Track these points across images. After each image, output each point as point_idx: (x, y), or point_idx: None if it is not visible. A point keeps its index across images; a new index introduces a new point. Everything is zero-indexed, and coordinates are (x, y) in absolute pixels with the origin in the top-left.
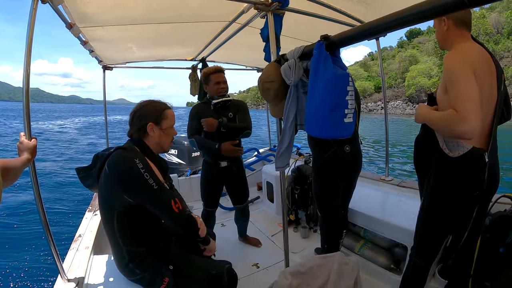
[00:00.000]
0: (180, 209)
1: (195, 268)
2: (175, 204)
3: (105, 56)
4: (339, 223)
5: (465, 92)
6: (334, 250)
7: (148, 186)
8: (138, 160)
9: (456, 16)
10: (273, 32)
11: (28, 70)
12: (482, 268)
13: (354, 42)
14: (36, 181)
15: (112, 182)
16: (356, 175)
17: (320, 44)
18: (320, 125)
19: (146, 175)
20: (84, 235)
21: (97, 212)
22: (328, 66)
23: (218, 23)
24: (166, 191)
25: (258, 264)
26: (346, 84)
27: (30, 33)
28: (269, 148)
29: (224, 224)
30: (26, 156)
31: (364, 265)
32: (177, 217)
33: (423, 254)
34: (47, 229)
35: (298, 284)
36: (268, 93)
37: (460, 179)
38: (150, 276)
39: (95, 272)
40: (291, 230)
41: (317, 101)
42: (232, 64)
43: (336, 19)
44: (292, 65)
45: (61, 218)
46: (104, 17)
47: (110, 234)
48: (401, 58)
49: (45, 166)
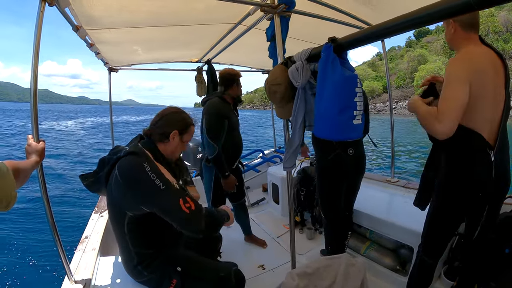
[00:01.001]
0: (192, 209)
1: (203, 270)
2: (185, 203)
3: (110, 58)
4: (343, 224)
5: (450, 95)
6: (339, 251)
7: (155, 187)
8: (146, 164)
9: (463, 19)
10: (279, 34)
11: (36, 72)
12: (487, 268)
13: (362, 44)
14: (44, 183)
15: (124, 190)
16: (360, 176)
17: (328, 47)
18: (329, 127)
19: (152, 176)
20: (90, 236)
21: (103, 213)
22: (336, 68)
23: (223, 25)
24: (174, 190)
25: (264, 265)
26: (354, 86)
27: (37, 35)
28: (274, 150)
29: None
30: (35, 159)
31: (370, 266)
32: (189, 217)
33: (430, 250)
34: (55, 230)
35: (305, 285)
36: (275, 96)
37: (465, 176)
38: (158, 278)
39: (102, 274)
40: (296, 231)
41: (326, 103)
42: (237, 65)
43: (342, 20)
44: (300, 67)
45: (68, 219)
46: (110, 20)
47: (120, 236)
48: (409, 57)
49: (51, 164)
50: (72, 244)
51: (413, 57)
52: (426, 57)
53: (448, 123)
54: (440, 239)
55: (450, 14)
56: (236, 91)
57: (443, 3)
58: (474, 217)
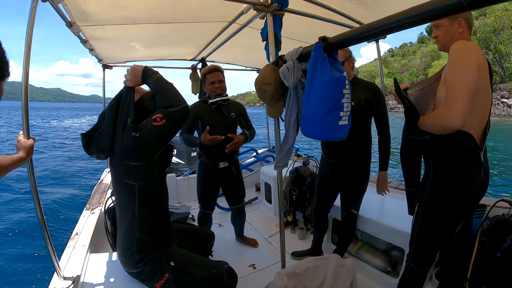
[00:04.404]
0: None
1: (195, 267)
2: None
3: (105, 55)
4: (320, 218)
5: (460, 78)
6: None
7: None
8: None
9: (469, 20)
10: (272, 33)
11: (27, 69)
12: (479, 272)
13: (352, 44)
14: (34, 180)
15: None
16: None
17: (318, 46)
18: (316, 127)
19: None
20: (81, 233)
21: (95, 210)
22: (324, 68)
23: (217, 24)
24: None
25: (255, 265)
26: (342, 87)
27: (29, 32)
28: (267, 149)
29: (221, 224)
30: (20, 155)
31: (361, 267)
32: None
33: (421, 260)
34: (44, 227)
35: (293, 286)
36: (265, 95)
37: (457, 182)
38: (150, 270)
39: (91, 270)
40: (288, 231)
41: (313, 103)
42: (232, 64)
43: (336, 20)
44: (291, 67)
45: (58, 216)
46: (104, 16)
47: (127, 218)
48: (422, 53)
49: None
50: (63, 241)
51: (426, 53)
52: (440, 53)
53: (461, 108)
54: (431, 249)
55: (444, 13)
56: (207, 90)
57: (434, 3)
58: (460, 219)
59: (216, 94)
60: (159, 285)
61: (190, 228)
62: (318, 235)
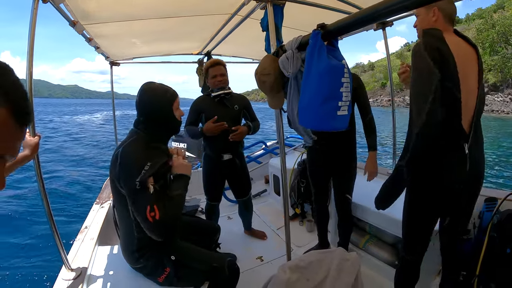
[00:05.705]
0: (156, 218)
1: (196, 260)
2: (151, 212)
3: (111, 52)
4: (321, 212)
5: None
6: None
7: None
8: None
9: (446, 9)
10: (272, 23)
11: (31, 68)
12: (487, 268)
13: (352, 29)
14: (41, 175)
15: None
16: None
17: (316, 34)
18: (313, 116)
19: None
20: (90, 226)
21: (104, 204)
22: (322, 55)
23: (220, 16)
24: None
25: (263, 257)
26: (340, 76)
27: (32, 32)
28: (276, 141)
29: (230, 217)
30: (24, 153)
31: (368, 260)
32: (151, 228)
33: (410, 248)
34: (51, 219)
35: (297, 279)
36: (264, 85)
37: (435, 171)
38: (152, 265)
39: (98, 262)
40: (296, 223)
41: (310, 92)
42: (238, 57)
43: (338, 8)
44: (290, 56)
45: (68, 211)
46: (106, 14)
47: (126, 220)
48: None
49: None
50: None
51: None
52: None
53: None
54: (417, 236)
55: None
56: (210, 84)
57: None
58: (453, 214)
59: (218, 87)
60: (161, 279)
61: (196, 221)
62: (320, 225)
